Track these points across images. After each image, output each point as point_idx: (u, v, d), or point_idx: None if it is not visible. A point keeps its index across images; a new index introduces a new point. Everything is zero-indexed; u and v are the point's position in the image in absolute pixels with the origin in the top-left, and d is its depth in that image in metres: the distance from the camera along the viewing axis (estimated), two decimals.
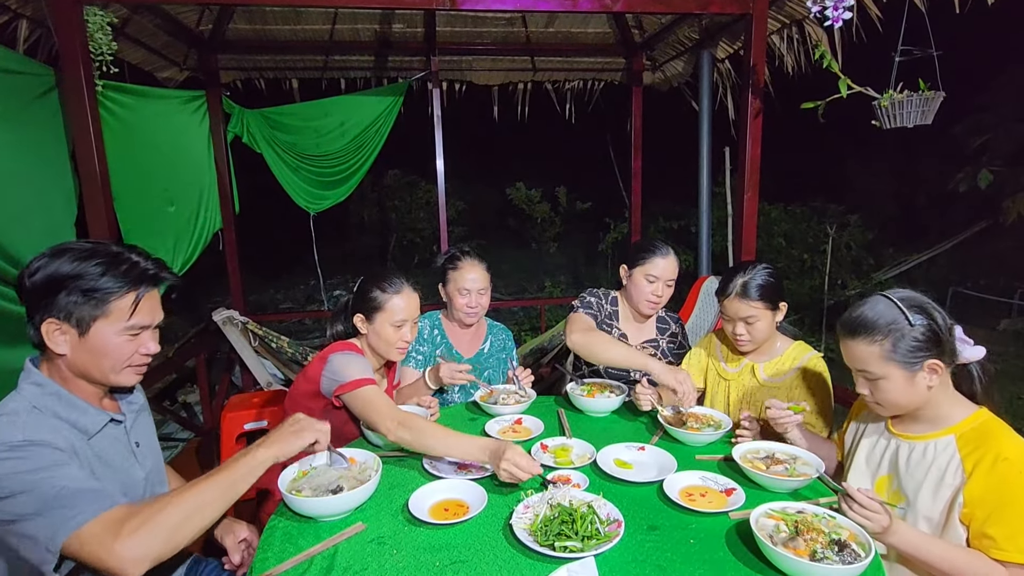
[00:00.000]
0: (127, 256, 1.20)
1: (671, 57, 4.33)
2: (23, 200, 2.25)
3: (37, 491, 1.01)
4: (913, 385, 1.30)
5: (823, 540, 1.11)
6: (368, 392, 1.64)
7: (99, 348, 1.17)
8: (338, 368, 1.70)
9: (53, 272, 1.12)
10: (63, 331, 1.14)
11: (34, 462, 1.03)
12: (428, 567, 1.13)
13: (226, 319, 3.64)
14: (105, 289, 1.14)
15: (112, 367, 1.19)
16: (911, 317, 1.27)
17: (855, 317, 1.36)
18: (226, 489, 1.12)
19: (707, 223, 4.22)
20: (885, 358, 1.30)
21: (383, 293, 1.82)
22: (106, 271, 1.15)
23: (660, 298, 2.19)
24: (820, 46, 2.43)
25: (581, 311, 2.21)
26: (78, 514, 1.00)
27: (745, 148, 2.81)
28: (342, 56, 4.29)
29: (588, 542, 1.15)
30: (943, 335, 1.28)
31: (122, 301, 1.17)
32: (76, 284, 1.13)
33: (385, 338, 1.83)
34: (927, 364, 1.28)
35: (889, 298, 1.33)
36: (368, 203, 10.81)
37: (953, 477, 1.28)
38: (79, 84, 2.27)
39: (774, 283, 1.84)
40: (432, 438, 1.51)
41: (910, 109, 2.31)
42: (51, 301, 1.12)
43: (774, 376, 1.89)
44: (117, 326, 1.17)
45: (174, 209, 3.53)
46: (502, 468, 1.37)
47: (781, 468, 1.46)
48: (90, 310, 1.14)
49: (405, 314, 1.83)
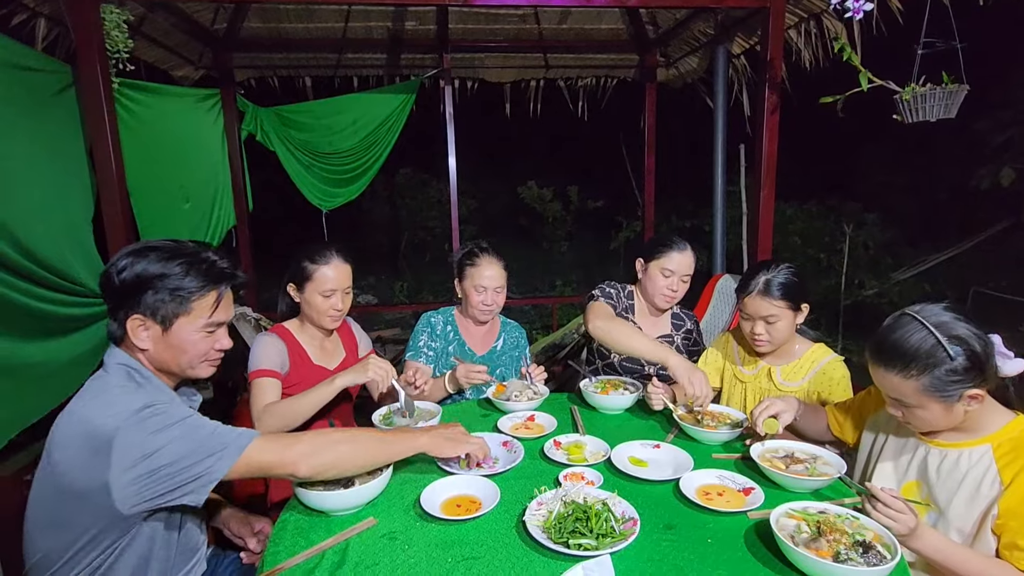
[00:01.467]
0: (206, 255, 1.27)
1: (685, 53, 4.29)
2: (41, 196, 2.27)
3: (188, 435, 1.10)
4: (951, 413, 1.24)
5: (847, 541, 1.08)
6: (257, 383, 1.77)
7: (179, 344, 1.24)
8: (251, 355, 1.83)
9: (141, 271, 1.19)
10: (147, 327, 1.21)
11: (171, 415, 1.12)
12: (440, 563, 1.12)
13: (239, 315, 3.65)
14: (190, 288, 1.22)
15: (190, 362, 1.27)
16: (950, 350, 1.18)
17: (888, 346, 1.25)
18: (379, 445, 1.30)
19: (721, 221, 4.17)
20: (921, 391, 1.22)
21: (312, 263, 1.88)
22: (189, 270, 1.22)
23: (675, 293, 2.17)
24: (840, 39, 2.38)
25: (602, 300, 2.19)
26: (240, 436, 1.14)
27: (762, 145, 2.77)
28: (355, 54, 4.30)
29: (603, 540, 1.13)
30: (984, 363, 1.19)
31: (205, 300, 1.25)
32: (163, 283, 1.20)
33: (315, 307, 1.89)
34: (967, 395, 1.21)
35: (924, 324, 1.22)
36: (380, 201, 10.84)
37: (990, 488, 1.23)
38: (96, 81, 2.29)
39: (798, 283, 1.79)
40: (298, 403, 1.66)
41: (933, 103, 2.26)
42: (138, 299, 1.19)
43: (791, 380, 1.85)
44: (198, 323, 1.24)
45: (189, 206, 3.56)
46: (369, 372, 1.65)
47: (801, 468, 1.42)
48: (175, 307, 1.21)
49: (334, 284, 1.88)
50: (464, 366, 2.00)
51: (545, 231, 10.72)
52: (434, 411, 1.82)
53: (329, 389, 1.67)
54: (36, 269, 2.17)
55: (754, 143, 2.84)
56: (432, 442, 1.37)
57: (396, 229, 10.91)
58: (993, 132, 7.81)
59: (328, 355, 2.02)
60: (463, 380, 1.99)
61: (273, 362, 1.83)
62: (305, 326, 1.98)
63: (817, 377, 1.82)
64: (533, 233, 10.89)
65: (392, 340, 7.22)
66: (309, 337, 1.98)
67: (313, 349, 1.97)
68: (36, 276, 2.18)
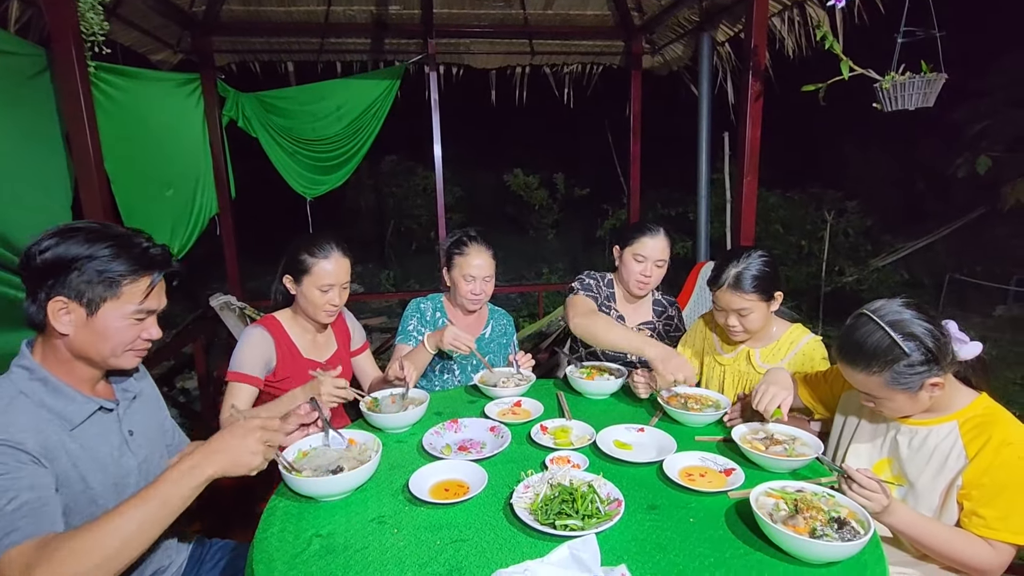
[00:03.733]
0: (137, 240, 1.19)
1: (671, 40, 4.29)
2: (18, 183, 2.22)
3: None
4: (916, 400, 1.31)
5: (822, 518, 1.12)
6: (231, 387, 1.76)
7: (104, 330, 1.16)
8: (235, 351, 1.80)
9: (64, 252, 1.11)
10: (69, 311, 1.13)
11: None
12: (429, 545, 1.13)
13: (223, 304, 3.62)
14: (119, 271, 1.14)
15: (113, 350, 1.19)
16: (904, 346, 1.25)
17: (850, 347, 1.33)
18: (158, 516, 1.03)
19: (706, 209, 4.21)
20: (885, 385, 1.30)
21: (311, 257, 1.83)
22: (119, 254, 1.15)
23: (649, 278, 2.19)
24: (822, 26, 2.40)
25: (582, 293, 2.21)
26: (11, 532, 0.97)
27: (745, 131, 2.79)
28: (338, 39, 4.23)
29: (588, 520, 1.15)
30: (938, 353, 1.25)
31: (136, 285, 1.17)
32: (90, 264, 1.12)
33: (312, 301, 1.85)
34: (928, 383, 1.27)
35: (879, 324, 1.29)
36: (365, 189, 10.75)
37: (956, 461, 1.30)
38: (71, 64, 2.23)
39: (769, 272, 1.78)
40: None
41: (912, 91, 2.29)
42: (61, 280, 1.11)
43: (770, 362, 1.88)
44: (126, 309, 1.17)
45: (171, 193, 3.50)
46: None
47: (780, 448, 1.46)
48: (102, 291, 1.14)
49: (332, 279, 1.84)
50: (453, 328, 1.95)
51: (531, 219, 10.73)
52: (422, 398, 1.81)
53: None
54: (13, 257, 2.13)
55: (737, 131, 2.87)
56: (223, 462, 1.11)
57: (382, 217, 10.84)
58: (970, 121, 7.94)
59: (319, 348, 1.99)
60: (448, 342, 1.93)
61: (255, 364, 1.78)
62: (297, 318, 1.94)
63: (797, 358, 1.85)
64: (520, 221, 10.90)
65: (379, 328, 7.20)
66: (301, 329, 1.94)
67: (304, 342, 1.93)
68: (13, 265, 2.14)
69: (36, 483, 1.04)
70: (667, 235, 2.23)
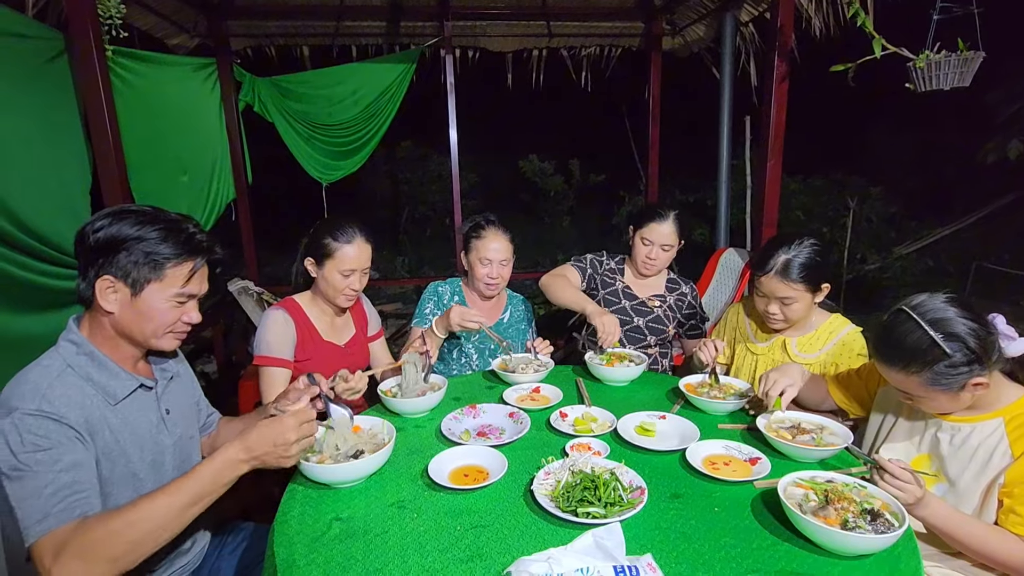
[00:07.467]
0: (185, 226, 1.23)
1: (692, 21, 4.18)
2: (36, 167, 2.23)
3: (29, 477, 1.02)
4: (957, 400, 1.25)
5: (855, 509, 1.08)
6: (265, 372, 1.78)
7: (147, 310, 1.20)
8: (259, 334, 1.81)
9: (117, 232, 1.16)
10: (116, 289, 1.17)
11: (41, 441, 1.05)
12: (449, 531, 1.12)
13: (241, 289, 3.65)
14: (165, 254, 1.18)
15: (155, 331, 1.22)
16: (946, 347, 1.19)
17: (887, 345, 1.27)
18: (192, 507, 1.09)
19: (725, 195, 4.12)
20: (924, 385, 1.24)
21: (334, 241, 1.83)
22: (167, 237, 1.19)
23: (654, 261, 2.26)
24: (853, 3, 2.31)
25: (570, 264, 2.37)
26: (44, 518, 1.01)
27: (769, 114, 2.71)
28: (353, 21, 4.18)
29: (611, 509, 1.13)
30: (982, 353, 1.19)
31: (179, 268, 1.21)
32: (138, 246, 1.16)
33: (333, 284, 1.86)
34: (971, 383, 1.21)
35: (919, 323, 1.22)
36: (380, 175, 10.73)
37: (1000, 459, 1.25)
38: (88, 48, 2.22)
39: (820, 262, 1.71)
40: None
41: (947, 70, 2.20)
42: (110, 259, 1.16)
43: (807, 352, 1.82)
44: (169, 291, 1.20)
45: (187, 178, 3.50)
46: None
47: (807, 438, 1.42)
48: (147, 272, 1.17)
49: (355, 264, 1.85)
50: (459, 308, 1.94)
51: (546, 206, 10.63)
52: (440, 383, 1.80)
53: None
54: (32, 242, 2.14)
55: (761, 114, 2.78)
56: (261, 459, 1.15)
57: (396, 203, 10.82)
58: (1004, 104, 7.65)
59: (338, 331, 2.00)
60: (456, 322, 1.92)
61: (283, 347, 1.80)
62: (317, 300, 1.95)
63: (837, 348, 1.78)
64: (534, 208, 10.80)
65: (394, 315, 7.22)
66: (320, 312, 1.95)
67: (323, 325, 1.95)
68: (33, 249, 2.15)
69: (76, 461, 1.07)
70: (677, 220, 2.25)
